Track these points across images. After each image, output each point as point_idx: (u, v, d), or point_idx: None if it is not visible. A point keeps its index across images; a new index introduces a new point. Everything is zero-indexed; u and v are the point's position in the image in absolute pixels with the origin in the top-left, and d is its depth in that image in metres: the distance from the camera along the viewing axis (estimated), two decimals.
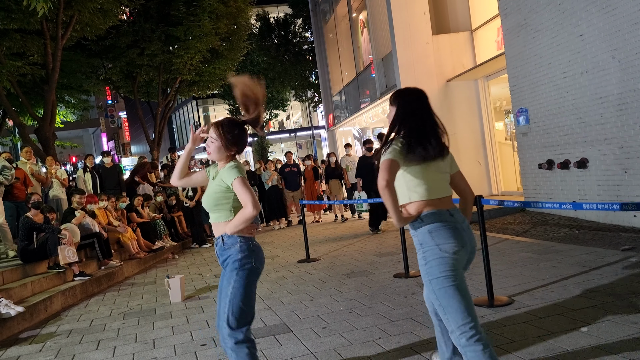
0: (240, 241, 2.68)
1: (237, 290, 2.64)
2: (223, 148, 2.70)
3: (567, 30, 7.58)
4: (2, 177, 7.17)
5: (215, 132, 2.72)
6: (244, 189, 2.59)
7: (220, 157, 2.74)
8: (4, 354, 4.47)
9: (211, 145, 2.73)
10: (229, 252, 2.68)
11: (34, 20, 9.96)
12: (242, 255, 2.66)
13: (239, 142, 2.74)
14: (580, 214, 7.88)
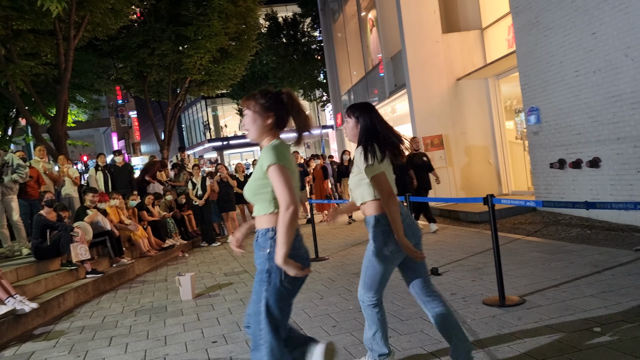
0: (272, 244, 2.30)
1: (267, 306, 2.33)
2: (258, 116, 2.39)
3: (580, 28, 7.53)
4: (17, 175, 7.24)
5: (246, 103, 2.43)
6: (280, 180, 2.24)
7: (259, 132, 2.41)
8: (19, 349, 4.52)
9: (246, 119, 2.43)
10: (258, 254, 2.38)
11: (47, 20, 10.05)
12: (268, 266, 2.31)
13: (275, 107, 2.41)
14: (593, 214, 7.83)
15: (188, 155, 16.21)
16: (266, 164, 2.26)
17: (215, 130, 40.66)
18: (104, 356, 4.10)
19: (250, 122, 2.40)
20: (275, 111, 2.39)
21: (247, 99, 2.42)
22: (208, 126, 39.96)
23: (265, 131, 2.40)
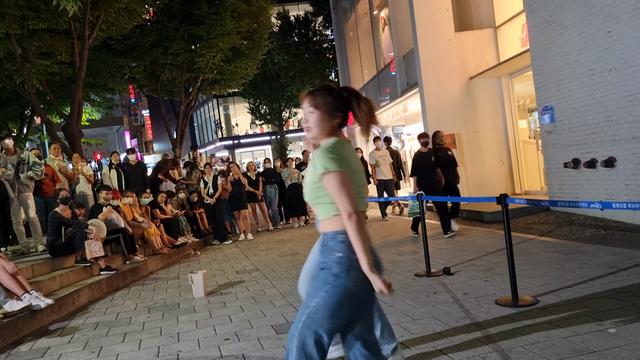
0: (345, 248, 2.15)
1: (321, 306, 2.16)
2: (326, 116, 2.21)
3: (595, 27, 7.45)
4: (33, 173, 7.33)
5: (311, 101, 2.23)
6: (335, 189, 2.10)
7: (324, 132, 2.24)
8: (35, 344, 4.59)
9: (310, 117, 2.23)
10: (327, 258, 2.21)
11: (62, 20, 10.16)
12: (339, 270, 2.16)
13: (342, 105, 2.23)
14: (607, 214, 7.74)
15: (200, 153, 16.30)
16: (319, 171, 2.12)
17: (227, 129, 40.81)
18: (118, 352, 4.14)
19: (317, 121, 2.21)
20: (343, 111, 2.23)
21: (313, 96, 2.23)
22: (220, 125, 40.12)
23: (329, 132, 2.24)
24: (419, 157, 8.13)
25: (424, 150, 8.10)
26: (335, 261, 2.14)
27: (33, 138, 19.31)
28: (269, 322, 4.47)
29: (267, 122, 34.41)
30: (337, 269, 2.14)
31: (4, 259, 5.13)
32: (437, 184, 7.88)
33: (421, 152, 8.16)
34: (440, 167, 8.01)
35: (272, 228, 12.00)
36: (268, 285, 6.01)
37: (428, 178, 7.85)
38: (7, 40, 10.18)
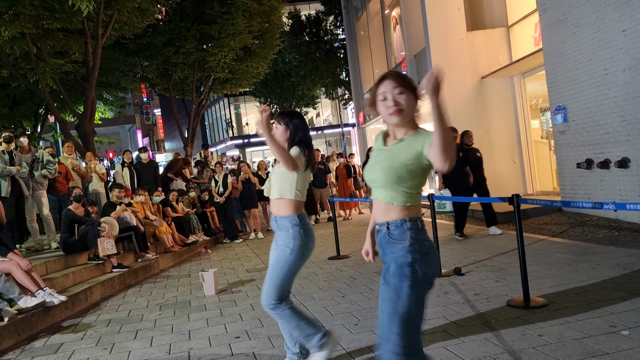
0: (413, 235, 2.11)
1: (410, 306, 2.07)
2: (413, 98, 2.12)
3: (609, 26, 7.38)
4: (47, 171, 7.42)
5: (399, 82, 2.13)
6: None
7: (410, 115, 2.14)
8: (48, 340, 4.64)
9: (401, 99, 2.11)
10: (394, 247, 2.13)
11: (76, 19, 10.27)
12: (409, 260, 2.08)
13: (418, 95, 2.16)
14: (621, 215, 7.67)
15: (211, 152, 16.37)
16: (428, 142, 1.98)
17: (238, 128, 40.95)
18: (130, 349, 4.18)
19: (408, 102, 2.10)
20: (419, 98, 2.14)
21: (400, 77, 2.14)
22: (231, 124, 40.27)
23: (413, 117, 2.14)
24: None
25: None
26: (406, 250, 2.08)
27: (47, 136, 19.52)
28: None
29: None
30: (408, 258, 2.07)
31: (18, 255, 5.21)
32: (464, 182, 7.63)
33: None
34: (470, 168, 7.73)
35: None
36: None
37: (454, 175, 7.55)
38: (22, 40, 10.30)
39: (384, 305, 2.10)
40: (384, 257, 2.18)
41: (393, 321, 2.05)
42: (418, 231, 2.10)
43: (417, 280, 2.06)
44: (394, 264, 2.10)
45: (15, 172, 7.05)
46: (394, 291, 2.07)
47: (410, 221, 2.11)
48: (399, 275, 2.07)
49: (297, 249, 3.09)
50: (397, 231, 2.10)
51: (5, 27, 9.44)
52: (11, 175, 7.05)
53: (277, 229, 3.17)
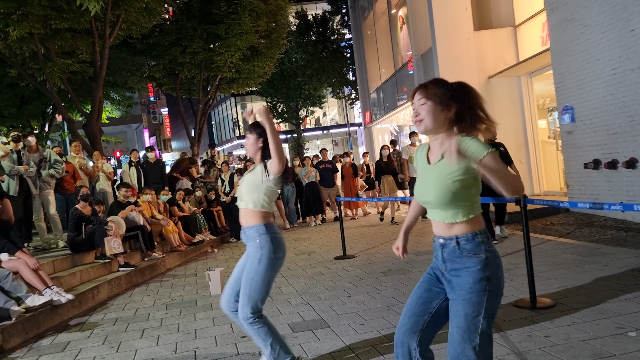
0: (486, 248, 2.09)
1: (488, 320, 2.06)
2: (438, 107, 2.09)
3: (618, 26, 7.33)
4: (54, 170, 7.47)
5: (422, 94, 2.14)
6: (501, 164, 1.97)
7: (438, 123, 2.11)
8: (55, 339, 4.67)
9: (421, 110, 2.12)
10: (468, 261, 2.08)
11: (84, 19, 10.31)
12: (488, 274, 2.06)
13: (457, 95, 2.11)
14: (629, 216, 7.62)
15: (218, 151, 16.41)
16: (483, 152, 1.96)
17: (244, 127, 40.98)
18: (137, 348, 4.20)
19: (430, 112, 2.10)
20: (458, 100, 2.11)
21: (425, 86, 2.15)
22: (237, 123, 40.34)
23: (443, 124, 2.12)
24: None
25: None
26: (481, 264, 2.06)
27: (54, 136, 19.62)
28: (285, 320, 4.49)
29: (284, 120, 34.51)
30: (485, 273, 2.05)
31: (26, 254, 5.24)
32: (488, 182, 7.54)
33: None
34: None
35: (289, 226, 12.04)
36: (284, 284, 6.03)
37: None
38: (30, 40, 10.37)
39: (456, 320, 2.07)
40: (449, 271, 2.13)
41: (472, 337, 2.04)
42: (489, 243, 2.11)
43: (496, 292, 2.07)
44: (470, 278, 2.07)
45: (23, 171, 7.10)
46: (472, 306, 2.05)
47: (481, 234, 2.10)
48: (477, 291, 2.05)
49: (266, 258, 3.07)
50: (469, 245, 2.08)
51: (14, 27, 9.50)
52: (19, 174, 7.11)
53: (246, 239, 3.17)
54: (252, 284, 3.08)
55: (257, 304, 3.09)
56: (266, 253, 3.08)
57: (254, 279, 3.08)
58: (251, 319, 3.08)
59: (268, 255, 3.08)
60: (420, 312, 2.20)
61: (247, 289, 3.09)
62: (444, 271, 2.16)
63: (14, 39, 9.71)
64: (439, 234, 2.16)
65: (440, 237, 2.16)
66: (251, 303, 3.07)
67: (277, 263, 3.13)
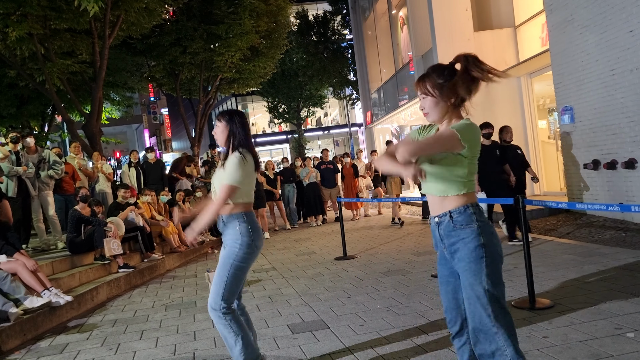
0: (478, 218, 2.21)
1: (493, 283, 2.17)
2: (440, 99, 2.23)
3: (617, 26, 7.32)
4: (53, 171, 7.47)
5: (420, 89, 2.28)
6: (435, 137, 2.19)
7: (442, 113, 2.27)
8: (54, 340, 4.67)
9: (425, 103, 2.28)
10: (462, 232, 2.21)
11: (83, 20, 10.32)
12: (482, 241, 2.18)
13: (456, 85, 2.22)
14: (628, 216, 7.61)
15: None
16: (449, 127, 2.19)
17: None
18: (136, 349, 4.20)
19: (432, 105, 2.25)
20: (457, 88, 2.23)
21: (421, 81, 2.27)
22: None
23: (448, 111, 2.26)
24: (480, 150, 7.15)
25: (486, 142, 7.01)
26: (475, 233, 2.18)
27: (54, 136, 19.63)
28: (285, 322, 4.49)
29: (285, 120, 34.54)
30: (480, 240, 2.17)
31: (24, 256, 5.24)
32: (504, 183, 6.96)
33: (483, 145, 6.97)
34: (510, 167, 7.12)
35: (290, 227, 12.04)
36: (284, 285, 6.03)
37: (492, 176, 6.83)
38: (29, 40, 10.37)
39: (465, 293, 2.20)
40: (448, 247, 2.25)
41: (483, 305, 2.14)
42: (481, 214, 2.23)
43: (493, 257, 2.18)
44: (465, 249, 2.18)
45: (22, 172, 7.10)
46: (473, 275, 2.16)
47: (472, 206, 2.23)
48: (475, 258, 2.16)
49: (246, 244, 3.06)
50: (461, 217, 2.20)
51: (13, 27, 9.50)
52: (18, 175, 7.10)
53: (224, 227, 3.13)
54: (230, 270, 3.04)
55: (230, 295, 3.06)
56: (246, 240, 3.06)
57: (233, 264, 3.04)
58: (224, 309, 3.04)
59: (248, 242, 3.07)
60: (455, 305, 2.34)
61: (224, 276, 3.04)
62: (444, 249, 2.29)
63: (13, 40, 9.72)
64: (434, 212, 2.30)
65: (435, 216, 2.29)
66: (226, 293, 3.03)
67: (255, 251, 3.12)
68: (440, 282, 2.39)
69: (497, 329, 2.14)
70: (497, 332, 2.15)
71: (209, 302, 3.10)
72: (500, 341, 2.15)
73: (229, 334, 3.08)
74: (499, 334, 2.15)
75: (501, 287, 2.19)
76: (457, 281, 2.30)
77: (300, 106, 33.12)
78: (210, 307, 3.09)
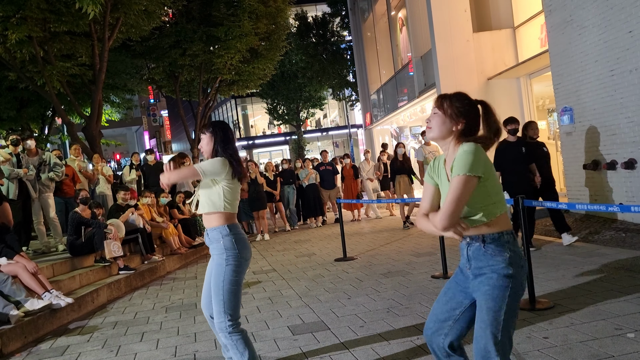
0: (511, 247, 2.17)
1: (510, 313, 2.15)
2: (449, 119, 2.24)
3: (616, 27, 7.33)
4: (53, 174, 7.47)
5: (437, 104, 2.29)
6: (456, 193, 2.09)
7: (443, 134, 2.26)
8: (55, 342, 4.67)
9: (433, 119, 2.28)
10: (492, 260, 2.17)
11: (83, 22, 10.34)
12: (511, 272, 2.15)
13: (469, 115, 2.24)
14: (628, 216, 7.61)
15: None
16: (457, 172, 2.10)
17: (245, 129, 41.04)
18: (136, 351, 4.20)
19: (439, 123, 2.26)
20: (467, 118, 2.24)
21: (441, 99, 2.29)
22: (238, 125, 40.36)
23: (449, 135, 2.26)
24: (505, 148, 6.53)
25: (511, 139, 6.64)
26: (505, 262, 2.15)
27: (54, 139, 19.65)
28: (285, 323, 4.50)
29: (284, 122, 34.54)
30: (509, 271, 2.14)
31: (25, 258, 5.25)
32: (529, 183, 6.56)
33: (507, 142, 6.63)
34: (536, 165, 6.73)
35: (289, 228, 12.04)
36: (284, 286, 6.03)
37: (517, 175, 6.49)
38: (29, 43, 10.39)
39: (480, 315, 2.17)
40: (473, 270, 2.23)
41: (494, 331, 2.12)
42: (514, 244, 2.19)
43: (516, 290, 2.16)
44: (495, 275, 2.15)
45: (23, 174, 7.10)
46: (493, 300, 2.13)
47: (507, 234, 2.19)
48: (501, 286, 2.14)
49: (232, 258, 3.04)
50: (494, 244, 2.17)
51: (13, 30, 9.53)
52: (19, 177, 7.11)
53: (209, 242, 3.13)
54: (224, 288, 3.01)
55: (234, 311, 3.03)
56: (232, 254, 3.04)
57: (225, 281, 3.02)
58: (230, 328, 3.01)
59: (234, 255, 3.05)
60: (445, 317, 2.32)
61: (220, 295, 3.02)
62: (468, 270, 2.25)
63: (13, 42, 9.73)
64: (466, 233, 2.22)
65: (467, 236, 2.24)
66: (228, 311, 3.01)
67: (243, 263, 3.09)
68: (444, 291, 2.37)
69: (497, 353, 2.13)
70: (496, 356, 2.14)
71: (215, 323, 3.08)
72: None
73: (235, 354, 3.07)
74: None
75: (514, 319, 2.19)
76: (465, 300, 2.28)
77: (300, 107, 33.13)
78: (218, 328, 3.08)
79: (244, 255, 3.09)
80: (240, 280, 3.09)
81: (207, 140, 3.18)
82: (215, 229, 3.10)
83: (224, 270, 3.03)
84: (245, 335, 3.08)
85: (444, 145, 2.30)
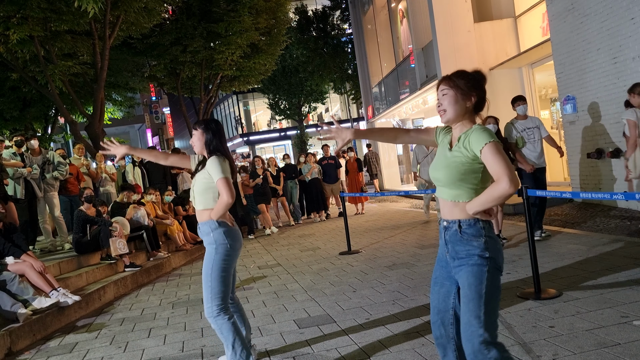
0: (486, 233, 2.21)
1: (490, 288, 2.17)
2: (460, 97, 2.24)
3: (618, 14, 7.29)
4: (58, 173, 7.50)
5: (446, 84, 2.28)
6: (500, 156, 2.07)
7: (457, 112, 2.25)
8: (63, 340, 4.71)
9: (444, 100, 2.26)
10: (468, 245, 2.22)
11: (83, 21, 10.32)
12: (488, 255, 2.19)
13: (479, 86, 2.27)
14: (632, 205, 7.60)
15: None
16: (482, 143, 2.10)
17: (247, 125, 41.04)
18: (144, 347, 4.23)
19: (452, 102, 2.24)
20: (477, 90, 2.26)
21: (447, 77, 2.29)
22: (240, 121, 40.36)
23: (464, 113, 2.25)
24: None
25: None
26: (482, 246, 2.19)
27: (57, 138, 19.70)
28: (291, 317, 4.52)
29: (286, 117, 34.52)
30: (486, 254, 2.18)
31: (32, 257, 5.28)
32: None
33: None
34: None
35: (293, 223, 12.06)
36: (290, 280, 6.06)
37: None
38: (30, 43, 10.39)
39: (463, 292, 2.20)
40: (451, 252, 2.27)
41: (477, 304, 2.14)
42: (490, 230, 2.23)
43: (495, 269, 2.20)
44: (474, 257, 2.19)
45: (27, 173, 7.13)
46: (474, 276, 2.17)
47: (483, 220, 2.22)
48: (479, 264, 2.18)
49: (221, 248, 3.16)
50: (470, 230, 2.21)
51: (14, 30, 9.52)
52: (23, 177, 7.14)
53: (201, 235, 3.25)
54: (212, 275, 3.15)
55: (222, 297, 3.16)
56: (221, 243, 3.17)
57: (214, 269, 3.16)
58: (216, 311, 3.15)
59: (223, 245, 3.17)
60: (444, 308, 2.35)
61: (208, 282, 3.17)
62: (446, 253, 2.30)
63: (14, 42, 9.74)
64: (444, 216, 2.29)
65: (445, 220, 2.29)
66: (216, 296, 3.15)
67: (232, 253, 3.22)
68: (434, 282, 2.39)
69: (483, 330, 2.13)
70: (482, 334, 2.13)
71: (205, 309, 3.22)
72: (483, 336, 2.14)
73: (220, 337, 3.23)
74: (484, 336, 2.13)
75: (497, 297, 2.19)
76: (452, 286, 2.32)
77: (302, 102, 33.09)
78: (206, 314, 3.22)
79: (235, 245, 3.23)
80: (229, 268, 3.21)
81: (198, 136, 3.28)
82: (205, 223, 3.23)
83: (212, 258, 3.17)
84: (233, 322, 3.19)
85: (455, 128, 2.29)
